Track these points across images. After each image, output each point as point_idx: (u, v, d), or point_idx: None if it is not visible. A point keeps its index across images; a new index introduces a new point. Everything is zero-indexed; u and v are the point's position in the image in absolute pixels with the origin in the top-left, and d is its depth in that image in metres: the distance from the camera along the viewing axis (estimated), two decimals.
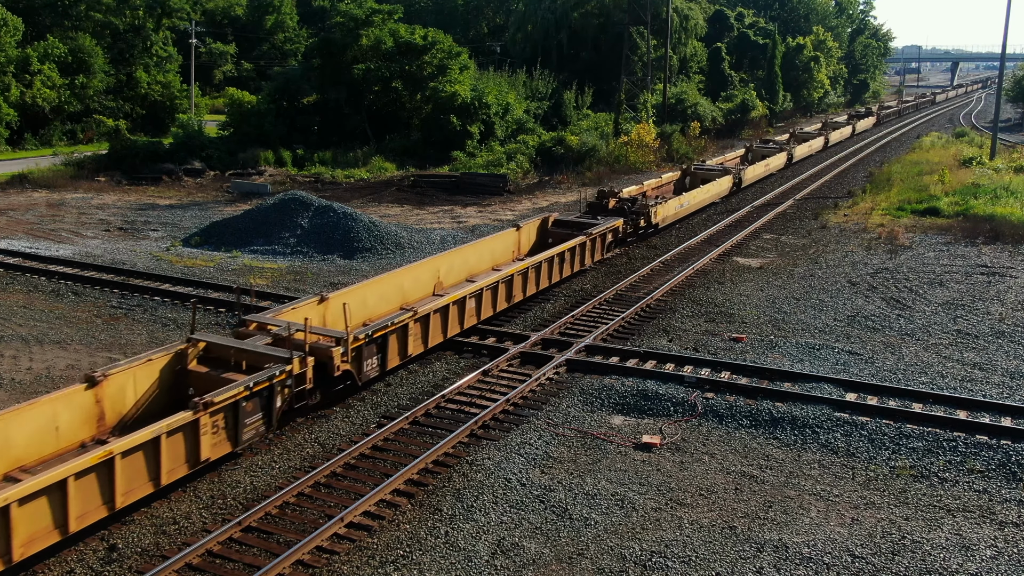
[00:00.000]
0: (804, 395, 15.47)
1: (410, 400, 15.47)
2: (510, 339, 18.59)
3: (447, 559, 10.70)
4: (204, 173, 43.34)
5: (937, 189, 38.45)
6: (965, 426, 14.41)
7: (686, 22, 70.78)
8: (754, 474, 13.08)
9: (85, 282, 22.83)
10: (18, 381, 15.97)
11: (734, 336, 19.12)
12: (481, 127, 47.88)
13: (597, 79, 63.25)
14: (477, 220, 33.03)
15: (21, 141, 51.85)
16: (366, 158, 45.51)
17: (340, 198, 34.74)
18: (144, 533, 11.21)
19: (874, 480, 12.97)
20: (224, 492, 12.26)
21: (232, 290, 19.26)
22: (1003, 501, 12.36)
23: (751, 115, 71.23)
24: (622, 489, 12.47)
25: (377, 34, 47.80)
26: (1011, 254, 27.52)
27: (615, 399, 15.61)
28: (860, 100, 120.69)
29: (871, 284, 23.80)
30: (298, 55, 70.73)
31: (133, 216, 33.05)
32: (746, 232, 30.94)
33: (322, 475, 12.56)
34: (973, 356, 18.14)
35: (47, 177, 40.31)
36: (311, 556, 10.72)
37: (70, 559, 10.60)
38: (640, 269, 25.02)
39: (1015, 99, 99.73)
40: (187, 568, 10.41)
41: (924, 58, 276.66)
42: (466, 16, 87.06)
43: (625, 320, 20.22)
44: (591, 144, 46.98)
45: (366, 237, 26.88)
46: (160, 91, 60.06)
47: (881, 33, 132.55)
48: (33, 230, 29.95)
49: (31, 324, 19.33)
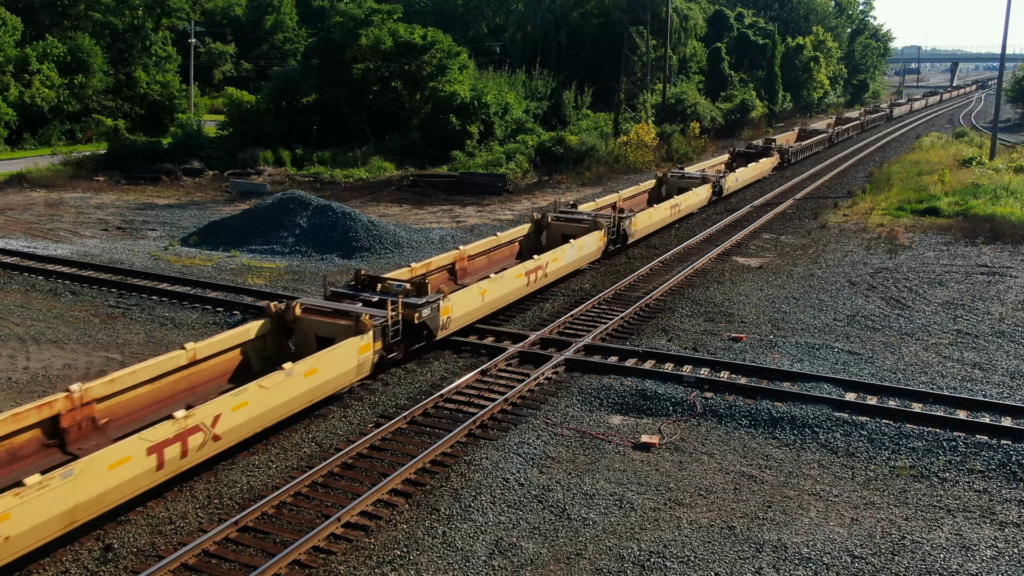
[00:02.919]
0: (803, 395, 15.42)
1: (408, 400, 15.42)
2: (509, 338, 18.53)
3: (445, 559, 10.65)
4: (203, 173, 43.30)
5: (937, 189, 38.41)
6: (965, 426, 14.36)
7: (686, 22, 70.77)
8: (753, 474, 13.02)
9: (83, 281, 22.77)
10: (15, 380, 15.91)
11: (733, 336, 19.07)
12: (480, 127, 47.85)
13: (597, 79, 63.20)
14: (476, 220, 32.99)
15: (20, 141, 51.82)
16: (365, 158, 45.47)
17: (339, 198, 34.69)
18: (140, 533, 11.15)
19: (874, 480, 12.91)
20: (220, 491, 12.20)
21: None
22: (1003, 501, 12.30)
23: (751, 115, 71.23)
24: (621, 489, 12.42)
25: (376, 34, 47.76)
26: (1011, 254, 27.47)
27: (614, 399, 15.55)
28: (860, 100, 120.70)
29: (871, 284, 23.75)
30: (297, 55, 70.78)
31: (131, 216, 33.00)
32: (745, 232, 30.89)
33: (319, 475, 12.51)
34: (973, 356, 18.08)
35: (46, 177, 40.27)
36: (308, 556, 10.67)
37: (65, 559, 10.54)
38: (639, 269, 24.96)
39: (1015, 99, 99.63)
40: (183, 568, 10.36)
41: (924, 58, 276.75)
42: (465, 16, 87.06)
43: (624, 320, 20.17)
44: (590, 144, 46.96)
45: (365, 236, 26.84)
46: (159, 91, 60.02)
47: (881, 33, 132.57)
48: (31, 229, 29.90)
49: (28, 323, 19.27)
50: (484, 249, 22.91)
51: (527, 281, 20.70)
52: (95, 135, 51.67)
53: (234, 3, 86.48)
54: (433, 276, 20.03)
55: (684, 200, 31.66)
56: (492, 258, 23.38)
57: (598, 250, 25.10)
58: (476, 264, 22.51)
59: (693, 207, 32.54)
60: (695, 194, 32.79)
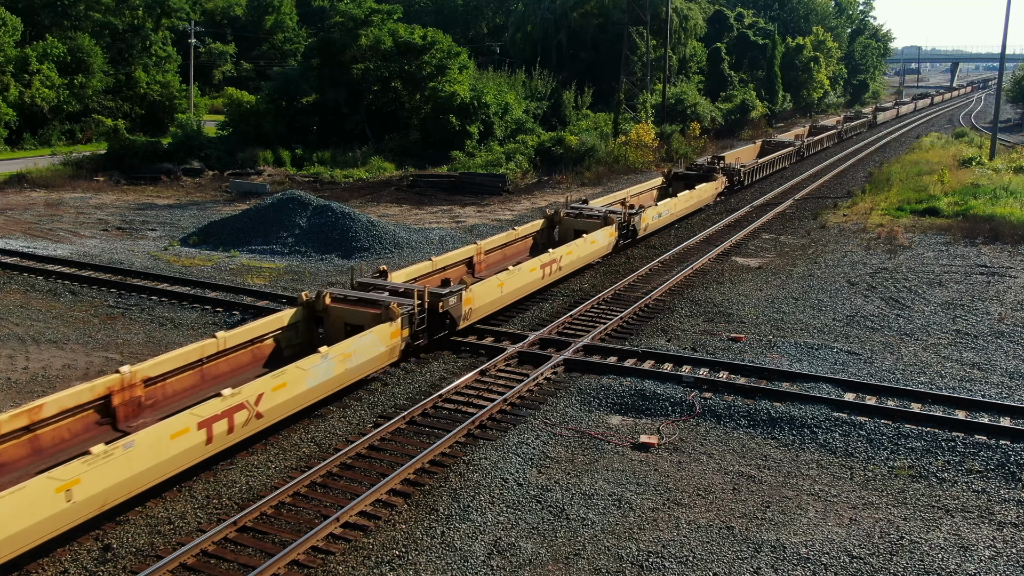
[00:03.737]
0: (802, 395, 15.42)
1: (407, 400, 15.43)
2: (508, 339, 18.53)
3: (443, 559, 10.65)
4: (203, 173, 43.32)
5: (936, 189, 38.41)
6: (964, 426, 14.36)
7: (685, 22, 70.78)
8: (752, 474, 13.03)
9: (82, 281, 22.78)
10: (14, 381, 15.92)
11: (732, 336, 19.07)
12: (480, 127, 47.85)
13: (596, 79, 63.22)
14: (476, 220, 32.99)
15: (20, 141, 51.84)
16: (365, 158, 45.48)
17: (339, 198, 34.70)
18: (138, 533, 11.15)
19: (872, 480, 12.92)
20: (219, 491, 12.21)
21: None
22: (1002, 501, 12.31)
23: (750, 115, 71.24)
24: (619, 489, 12.42)
25: (376, 34, 47.77)
26: (1010, 254, 27.47)
27: (613, 399, 15.55)
28: (860, 100, 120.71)
29: (870, 284, 23.75)
30: (297, 55, 70.72)
31: (131, 216, 33.00)
32: (745, 232, 30.89)
33: (318, 475, 12.51)
34: (972, 356, 18.09)
35: (45, 177, 40.28)
36: (306, 556, 10.67)
37: (64, 559, 10.55)
38: (639, 269, 24.97)
39: (1015, 99, 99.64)
40: (181, 568, 10.36)
41: (924, 59, 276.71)
42: (465, 16, 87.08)
43: (623, 320, 20.17)
44: (590, 144, 46.97)
45: (364, 237, 26.85)
46: (159, 91, 60.04)
47: (881, 34, 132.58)
48: (31, 229, 29.91)
49: (28, 323, 19.28)
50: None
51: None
52: (95, 135, 51.68)
53: (234, 3, 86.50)
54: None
55: (577, 250, 23.18)
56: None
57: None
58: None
59: (577, 263, 23.61)
60: (585, 244, 23.70)
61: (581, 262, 23.91)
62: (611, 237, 25.67)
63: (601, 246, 25.18)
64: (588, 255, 24.34)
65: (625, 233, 26.73)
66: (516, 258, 23.87)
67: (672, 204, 31.16)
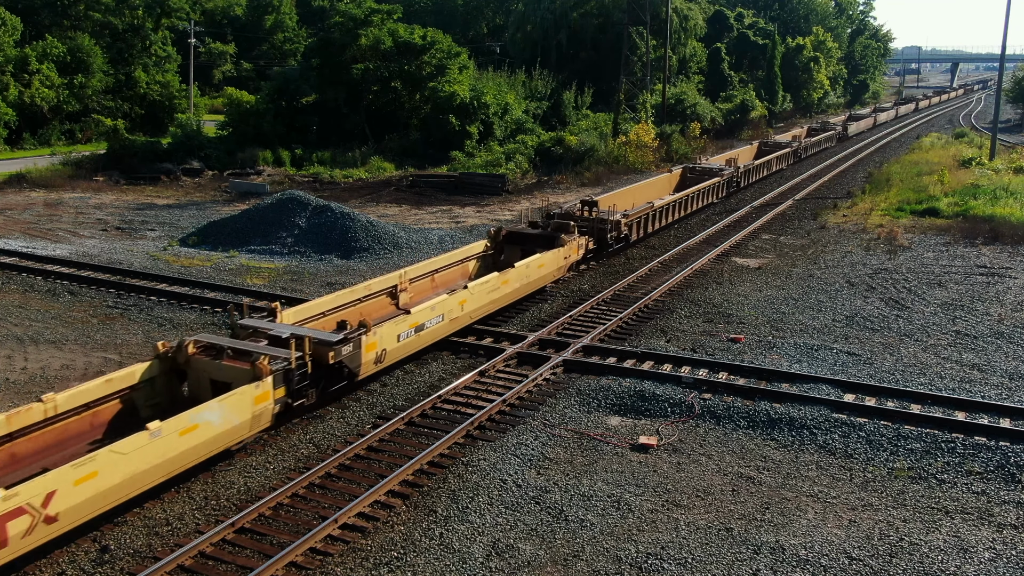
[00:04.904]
0: (802, 396, 15.40)
1: (406, 400, 15.41)
2: (507, 339, 18.51)
3: (441, 561, 10.63)
4: (202, 173, 43.31)
5: (936, 190, 38.39)
6: (963, 427, 14.33)
7: (685, 22, 70.76)
8: (751, 475, 13.00)
9: (81, 282, 22.76)
10: (12, 381, 15.90)
11: (732, 337, 19.05)
12: (480, 127, 47.84)
13: (596, 79, 63.22)
14: (476, 220, 32.97)
15: (19, 141, 51.84)
16: (365, 158, 45.48)
17: (338, 198, 34.69)
18: (136, 534, 11.13)
19: (872, 481, 12.90)
20: (217, 493, 12.18)
21: None
22: (1001, 503, 12.28)
23: (750, 115, 71.22)
24: (618, 490, 12.40)
25: (376, 34, 47.76)
26: (1010, 255, 27.45)
27: (612, 400, 15.53)
28: (860, 100, 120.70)
29: (870, 285, 23.73)
30: (297, 55, 70.76)
31: (131, 216, 32.99)
32: (745, 232, 30.87)
33: (316, 476, 12.49)
34: (972, 357, 18.06)
35: (45, 177, 40.28)
36: (304, 558, 10.65)
37: (61, 560, 10.53)
38: (638, 269, 24.95)
39: (1015, 100, 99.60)
40: (179, 569, 10.34)
41: (924, 59, 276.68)
42: (465, 16, 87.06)
43: (623, 320, 20.15)
44: (590, 144, 46.96)
45: (364, 237, 26.82)
46: (159, 91, 60.06)
47: (881, 34, 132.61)
48: (30, 229, 29.89)
49: (27, 324, 19.26)
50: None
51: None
52: (95, 135, 51.67)
53: (234, 3, 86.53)
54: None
55: None
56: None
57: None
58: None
59: None
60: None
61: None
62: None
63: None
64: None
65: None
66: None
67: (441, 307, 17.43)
